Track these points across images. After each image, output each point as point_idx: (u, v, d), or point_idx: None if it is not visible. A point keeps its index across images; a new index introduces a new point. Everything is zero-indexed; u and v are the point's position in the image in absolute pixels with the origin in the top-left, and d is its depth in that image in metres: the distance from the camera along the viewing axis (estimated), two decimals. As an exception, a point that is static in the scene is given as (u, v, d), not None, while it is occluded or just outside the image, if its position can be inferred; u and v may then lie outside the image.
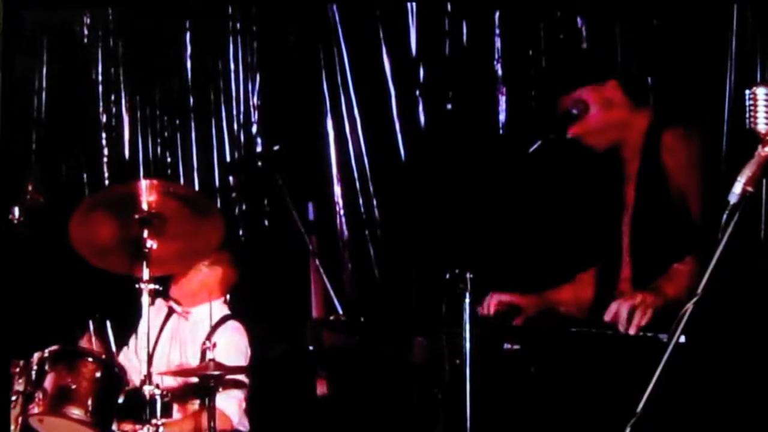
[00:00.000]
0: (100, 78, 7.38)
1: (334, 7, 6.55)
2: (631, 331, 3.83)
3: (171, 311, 5.99)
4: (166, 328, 5.97)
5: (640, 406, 3.00)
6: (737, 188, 3.07)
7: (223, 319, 5.84)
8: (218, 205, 6.97)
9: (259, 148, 7.06)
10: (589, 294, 4.69)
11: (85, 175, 7.45)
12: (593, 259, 4.73)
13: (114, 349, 5.57)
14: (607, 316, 3.95)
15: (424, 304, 5.14)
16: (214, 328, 5.73)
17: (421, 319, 4.45)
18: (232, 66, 7.12)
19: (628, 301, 3.92)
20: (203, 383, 5.27)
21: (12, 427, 5.09)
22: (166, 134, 7.34)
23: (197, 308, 5.87)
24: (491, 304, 4.51)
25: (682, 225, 4.19)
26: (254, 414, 5.87)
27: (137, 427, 5.12)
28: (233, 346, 5.72)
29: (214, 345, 5.27)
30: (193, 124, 7.28)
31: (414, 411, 4.69)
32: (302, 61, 6.77)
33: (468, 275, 3.95)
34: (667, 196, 4.28)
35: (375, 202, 6.50)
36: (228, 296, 6.02)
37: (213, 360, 5.23)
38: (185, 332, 5.89)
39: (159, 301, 5.93)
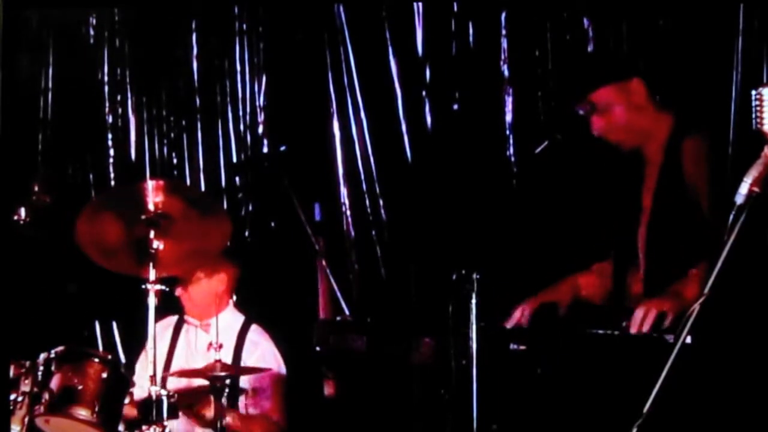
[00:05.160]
0: (106, 78, 7.39)
1: (341, 8, 6.54)
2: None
3: (180, 324, 6.02)
4: (179, 341, 5.99)
5: (647, 406, 2.99)
6: (743, 189, 3.07)
7: (246, 326, 5.90)
8: (225, 205, 6.97)
9: (265, 149, 7.06)
10: (609, 283, 4.70)
11: (91, 176, 7.45)
12: (609, 250, 4.74)
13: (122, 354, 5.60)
14: (633, 328, 3.94)
15: (431, 304, 5.13)
16: (241, 337, 5.82)
17: (427, 319, 4.45)
18: (239, 67, 7.12)
19: (647, 307, 3.93)
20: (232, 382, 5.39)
21: (18, 428, 5.09)
22: (172, 135, 7.35)
23: (214, 319, 5.86)
24: (526, 312, 4.49)
25: (699, 231, 4.18)
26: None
27: (144, 427, 5.12)
28: (271, 353, 5.84)
29: (220, 346, 5.29)
30: (199, 125, 7.28)
31: (421, 412, 4.69)
32: (308, 61, 6.76)
33: (475, 276, 3.96)
34: (686, 203, 4.28)
35: (381, 203, 6.49)
36: (235, 299, 6.06)
37: (219, 361, 5.25)
38: (205, 343, 5.88)
39: (168, 319, 6.00)
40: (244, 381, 5.76)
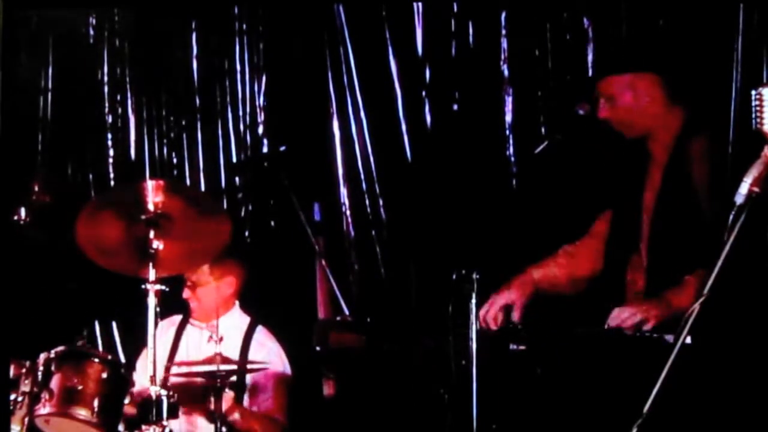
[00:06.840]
0: (105, 78, 7.37)
1: (340, 8, 6.54)
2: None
3: (184, 323, 6.03)
4: (183, 339, 6.00)
5: (646, 406, 3.00)
6: (743, 189, 3.07)
7: (252, 327, 5.92)
8: (224, 205, 6.96)
9: (265, 149, 7.05)
10: (585, 269, 4.69)
11: (91, 176, 7.44)
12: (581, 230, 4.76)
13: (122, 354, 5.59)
14: (612, 322, 3.97)
15: (431, 304, 5.13)
16: (247, 338, 5.88)
17: (427, 319, 4.45)
18: (239, 67, 7.11)
19: (634, 309, 3.95)
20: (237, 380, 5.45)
21: (18, 428, 5.10)
22: (172, 135, 7.33)
23: (221, 320, 5.85)
24: (492, 317, 4.48)
25: (704, 230, 4.18)
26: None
27: (144, 427, 5.12)
28: (276, 354, 5.88)
29: (221, 339, 5.30)
30: (199, 125, 7.27)
31: (420, 411, 4.69)
32: (308, 61, 6.76)
33: (475, 276, 3.96)
34: (691, 201, 4.28)
35: (381, 203, 6.49)
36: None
37: (220, 354, 5.26)
38: (209, 342, 5.88)
39: (172, 317, 6.01)
40: (249, 381, 5.77)
